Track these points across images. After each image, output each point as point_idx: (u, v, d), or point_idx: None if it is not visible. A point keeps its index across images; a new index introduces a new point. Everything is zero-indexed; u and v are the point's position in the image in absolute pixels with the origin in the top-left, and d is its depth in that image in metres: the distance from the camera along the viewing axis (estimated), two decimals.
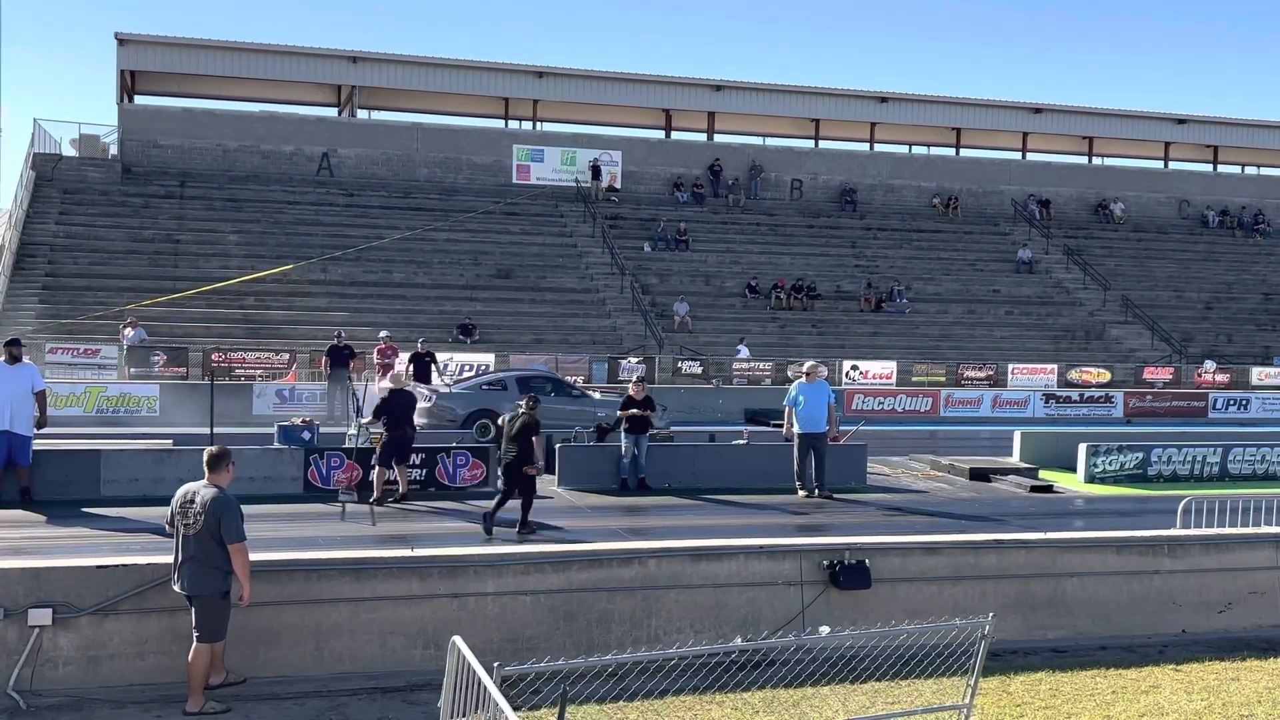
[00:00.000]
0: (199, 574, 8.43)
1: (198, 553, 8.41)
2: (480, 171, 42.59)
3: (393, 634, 9.47)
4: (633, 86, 45.50)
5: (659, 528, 14.73)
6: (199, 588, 8.45)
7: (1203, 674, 10.12)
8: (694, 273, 39.83)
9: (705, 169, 44.89)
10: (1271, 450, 21.03)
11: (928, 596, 10.94)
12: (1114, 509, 17.71)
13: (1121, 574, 11.56)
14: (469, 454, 16.92)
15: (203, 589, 8.45)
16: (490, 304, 35.94)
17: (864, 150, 48.36)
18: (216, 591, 8.48)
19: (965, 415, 32.40)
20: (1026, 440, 21.88)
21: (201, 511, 8.39)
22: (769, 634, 10.03)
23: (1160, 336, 40.13)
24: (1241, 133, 51.85)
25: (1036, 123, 49.27)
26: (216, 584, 8.47)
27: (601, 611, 10.01)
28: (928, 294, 40.96)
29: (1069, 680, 9.86)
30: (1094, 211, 48.72)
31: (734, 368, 33.22)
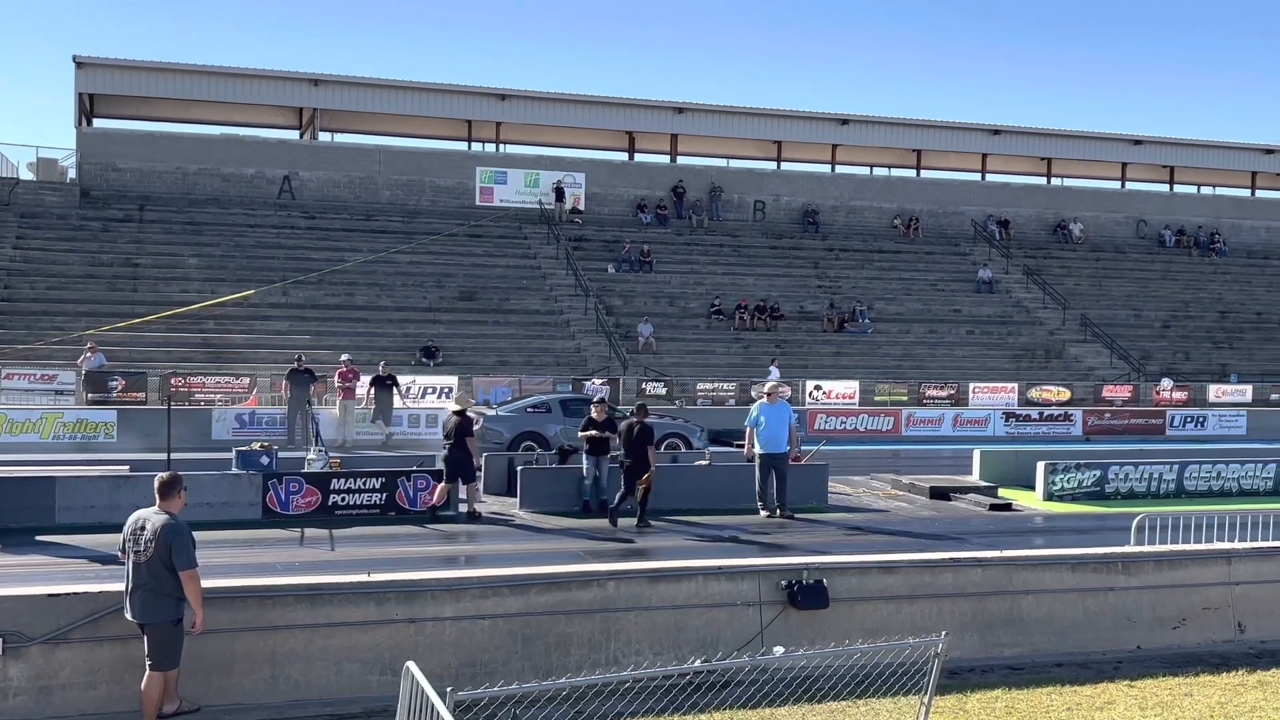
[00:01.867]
0: (151, 601, 8.36)
1: (149, 580, 8.35)
2: (443, 194, 42.56)
3: (349, 660, 9.41)
4: (596, 109, 45.65)
5: (620, 550, 14.73)
6: (151, 615, 8.38)
7: (1157, 690, 10.20)
8: (658, 294, 39.94)
9: (669, 190, 45.07)
10: (1227, 467, 21.32)
11: (885, 615, 10.99)
12: (1071, 526, 17.87)
13: (1077, 591, 11.65)
14: (429, 477, 16.86)
15: (155, 616, 8.38)
16: (454, 326, 35.87)
17: (826, 172, 48.73)
18: (169, 619, 8.42)
19: (927, 434, 32.62)
20: (986, 459, 22.07)
21: (152, 539, 8.33)
22: (728, 655, 10.04)
23: (1119, 355, 40.57)
24: (1197, 153, 52.62)
25: (995, 144, 49.83)
26: (169, 611, 8.41)
27: (560, 634, 9.98)
28: (889, 314, 41.24)
29: (1025, 698, 9.91)
30: (1053, 231, 49.26)
31: (697, 388, 33.27)
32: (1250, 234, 51.77)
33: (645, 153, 47.91)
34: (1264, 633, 11.89)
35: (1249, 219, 52.17)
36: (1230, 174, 54.10)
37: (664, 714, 8.93)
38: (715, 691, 9.21)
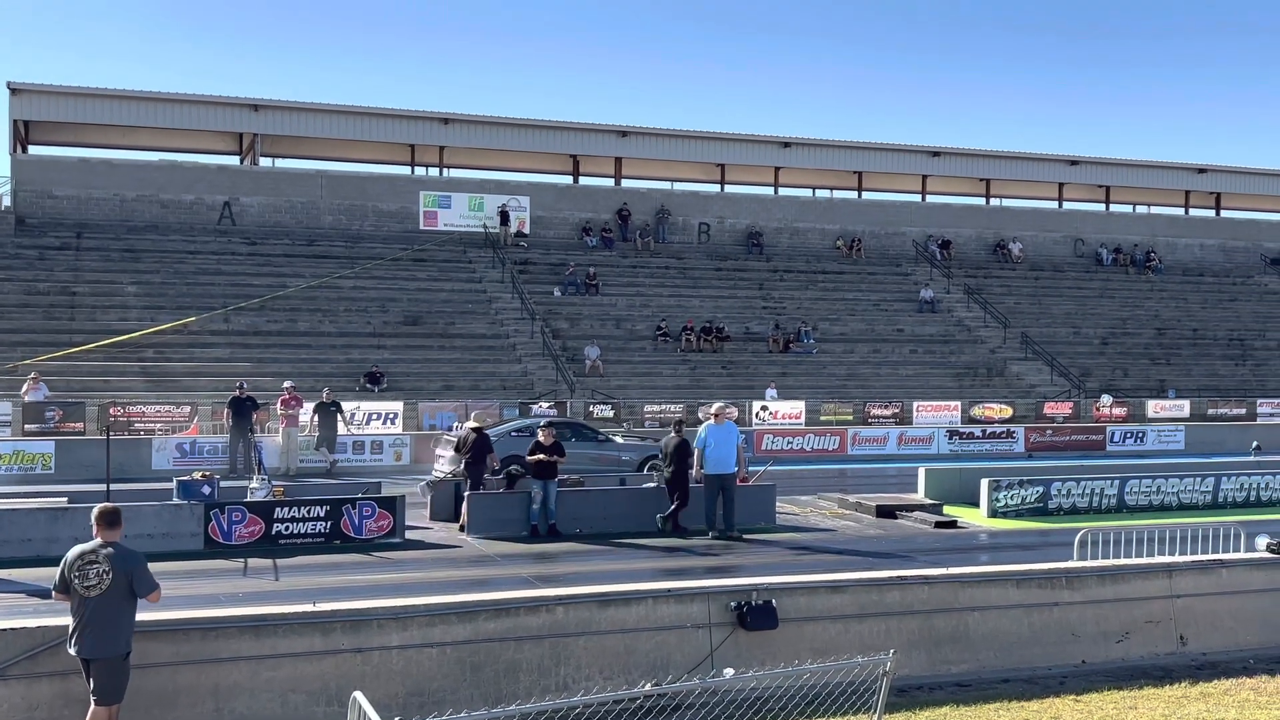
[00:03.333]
0: (103, 636, 8.19)
1: (102, 614, 8.17)
2: (386, 218, 42.33)
3: (294, 692, 9.27)
4: (540, 133, 45.71)
5: (569, 574, 14.68)
6: (102, 650, 8.20)
7: (1102, 704, 10.32)
8: (604, 316, 39.96)
9: (614, 213, 45.17)
10: (1166, 482, 21.68)
11: (833, 635, 11.03)
12: (1016, 543, 18.08)
13: (1022, 607, 11.77)
14: (375, 504, 16.72)
15: (107, 651, 8.21)
16: (398, 351, 35.64)
17: (769, 194, 49.09)
18: (121, 653, 8.27)
19: (872, 453, 32.86)
20: (931, 476, 22.28)
21: (107, 571, 8.16)
22: (678, 677, 10.02)
23: (1059, 372, 41.14)
24: (1132, 173, 53.64)
25: (935, 165, 50.47)
26: (121, 645, 8.26)
27: (509, 661, 9.92)
28: (834, 334, 41.55)
29: (972, 714, 9.99)
30: (992, 251, 49.93)
31: (645, 410, 33.28)
32: (1185, 252, 52.82)
33: (590, 176, 48.01)
34: (1205, 645, 12.07)
35: (1183, 237, 53.22)
36: (1164, 193, 55.18)
37: None
38: (666, 715, 9.19)
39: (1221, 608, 12.32)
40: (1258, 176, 55.61)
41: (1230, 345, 46.08)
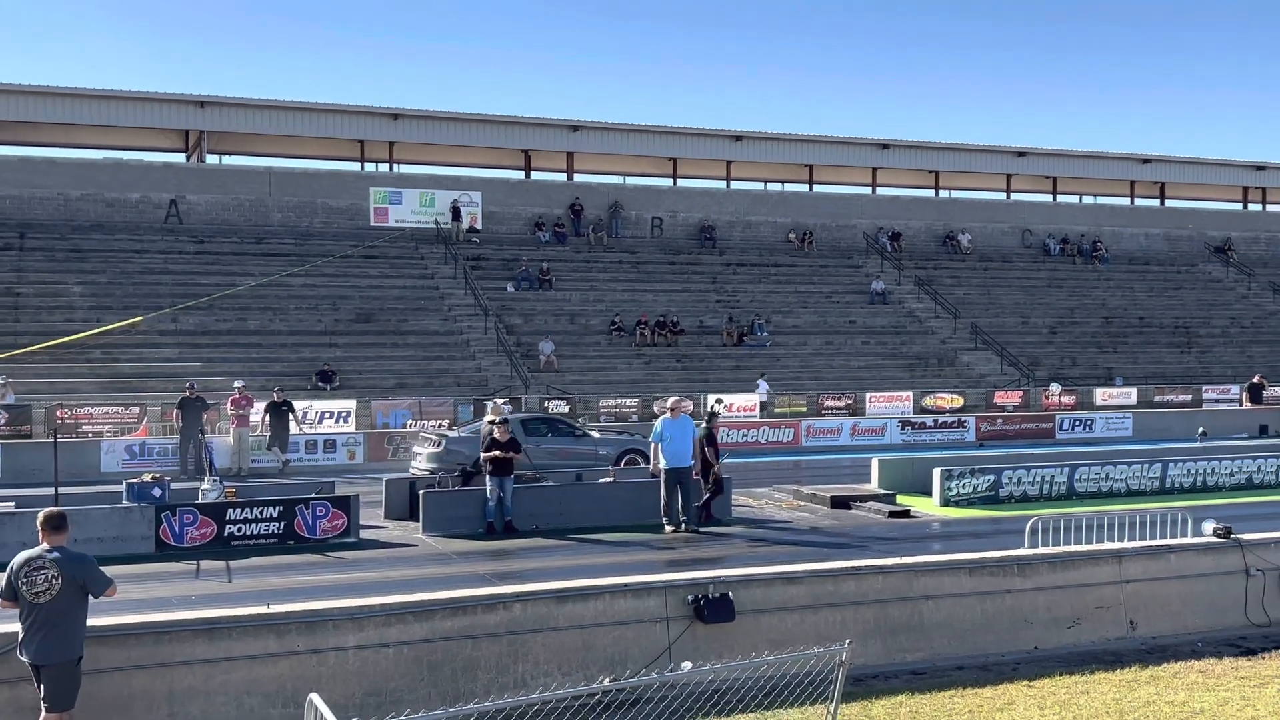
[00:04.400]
0: (54, 641, 8.09)
1: (53, 619, 8.08)
2: (336, 215, 41.99)
3: (250, 694, 9.20)
4: (491, 127, 45.52)
5: (526, 571, 14.65)
6: (53, 655, 8.10)
7: (1054, 689, 10.45)
8: (558, 312, 39.89)
9: (566, 208, 45.09)
10: (1115, 468, 21.97)
11: (790, 626, 11.10)
12: (968, 530, 18.26)
13: (975, 594, 11.90)
14: (329, 504, 16.59)
15: (58, 656, 8.11)
16: (350, 349, 35.38)
17: (721, 188, 49.22)
18: (73, 657, 8.19)
19: (826, 444, 33.04)
20: (884, 467, 22.45)
21: (56, 576, 8.06)
22: (636, 672, 10.05)
23: (1008, 362, 41.58)
24: (1078, 164, 54.30)
25: (885, 158, 50.83)
26: (72, 650, 8.18)
27: (467, 659, 9.89)
28: (787, 327, 41.75)
29: (928, 702, 10.09)
30: (942, 243, 50.36)
31: (600, 405, 33.26)
32: (1130, 241, 53.53)
33: (542, 171, 47.92)
34: (1154, 629, 12.27)
35: (1129, 226, 53.95)
36: (1110, 183, 55.91)
37: None
38: (624, 709, 9.20)
39: (1170, 592, 12.52)
40: (1201, 166, 56.49)
41: (1176, 333, 46.78)
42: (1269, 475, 23.03)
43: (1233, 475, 22.73)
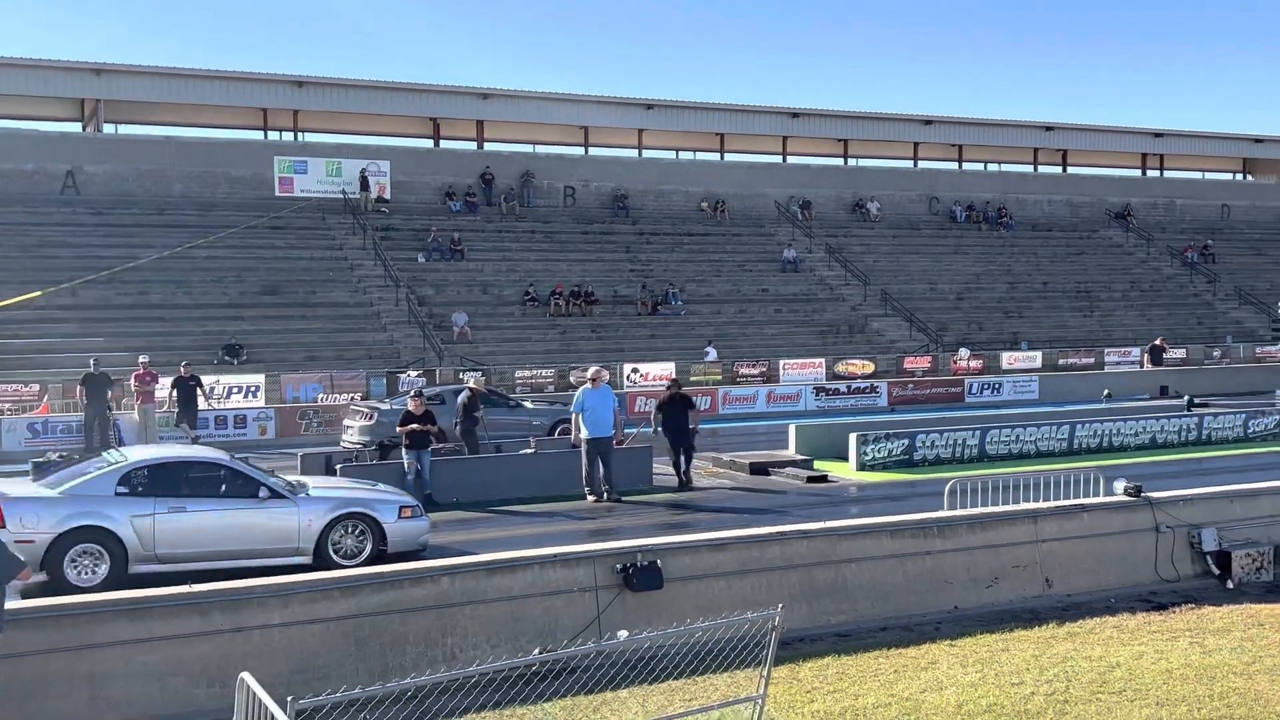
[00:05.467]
0: None
1: None
2: (240, 185, 41.04)
3: (174, 674, 9.02)
4: (398, 95, 44.80)
5: (450, 544, 14.53)
6: None
7: (975, 647, 10.68)
8: (471, 282, 39.53)
9: (477, 177, 44.61)
10: (1024, 430, 22.49)
11: (717, 592, 11.18)
12: (885, 494, 18.56)
13: (897, 557, 12.10)
14: None
15: None
16: (257, 322, 34.69)
17: (633, 156, 49.12)
18: None
19: (743, 411, 33.28)
20: (801, 433, 22.70)
21: None
22: (567, 642, 10.04)
23: (917, 327, 42.25)
24: (983, 132, 55.16)
25: (795, 126, 51.13)
26: None
27: (395, 634, 9.80)
28: (701, 295, 41.90)
29: (854, 663, 10.25)
30: (852, 211, 50.88)
31: (516, 376, 33.07)
32: (1034, 208, 54.61)
33: (452, 139, 47.31)
34: (1069, 586, 12.59)
35: (1032, 194, 55.02)
36: (1014, 151, 56.90)
37: (505, 706, 8.89)
38: (555, 679, 9.21)
39: (1084, 550, 12.85)
40: (1102, 133, 57.77)
41: (1078, 297, 47.92)
42: (1171, 435, 23.76)
43: (1137, 435, 23.40)
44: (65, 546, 11.96)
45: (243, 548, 12.65)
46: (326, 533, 13.01)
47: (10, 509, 11.94)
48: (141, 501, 12.39)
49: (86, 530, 12.07)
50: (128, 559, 12.21)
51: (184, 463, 13.22)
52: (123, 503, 12.33)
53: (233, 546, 12.62)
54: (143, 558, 12.30)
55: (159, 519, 12.36)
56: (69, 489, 12.43)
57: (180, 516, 12.46)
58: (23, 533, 11.70)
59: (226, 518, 12.65)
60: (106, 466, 12.84)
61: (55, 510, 12.12)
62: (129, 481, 12.55)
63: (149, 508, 12.37)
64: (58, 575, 11.86)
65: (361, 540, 13.20)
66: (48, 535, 11.92)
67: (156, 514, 12.36)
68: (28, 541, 11.58)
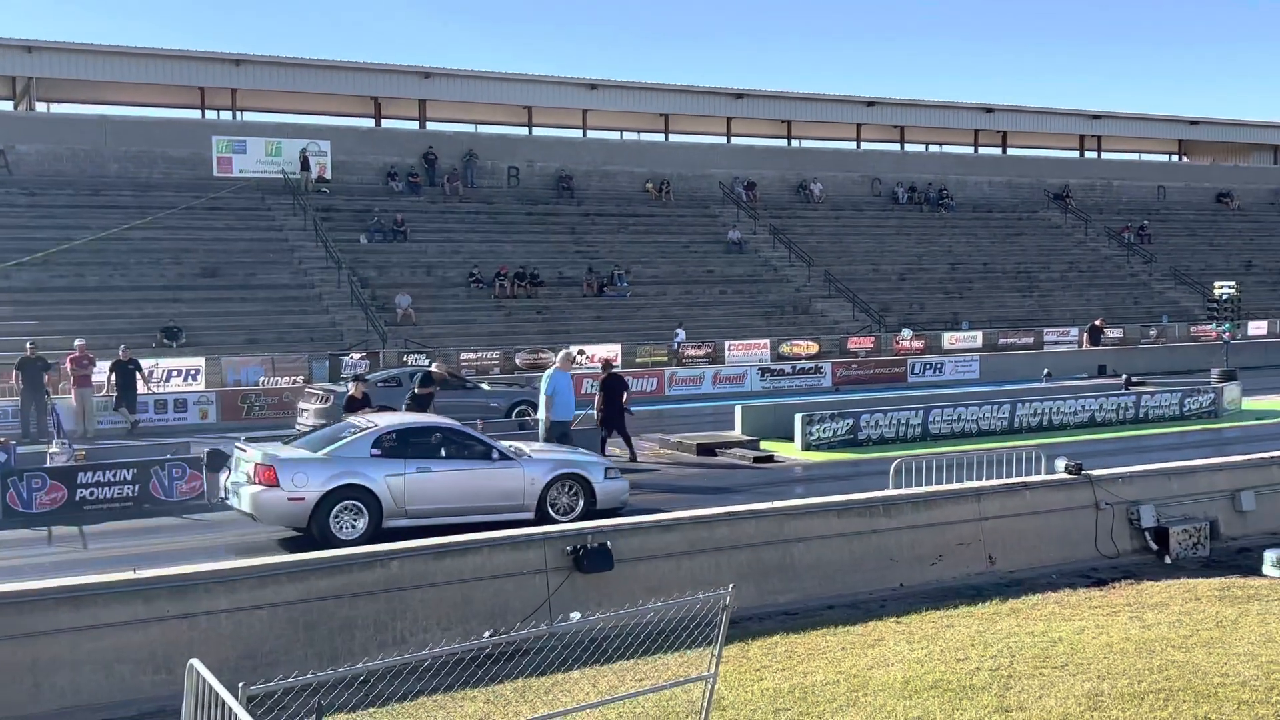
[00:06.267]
0: None
1: None
2: (177, 165, 40.37)
3: (120, 662, 8.91)
4: (339, 74, 44.27)
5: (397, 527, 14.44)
6: None
7: (921, 624, 10.83)
8: (414, 264, 39.23)
9: (420, 157, 44.24)
10: (966, 410, 22.77)
11: (666, 572, 11.24)
12: (830, 474, 18.73)
13: (843, 535, 12.22)
14: (186, 465, 16.08)
15: None
16: (196, 305, 34.20)
17: (577, 137, 48.95)
18: None
19: (689, 393, 33.36)
20: (747, 413, 22.80)
21: None
22: (518, 624, 10.05)
23: (860, 308, 42.58)
24: (925, 113, 55.60)
25: (739, 108, 51.19)
26: None
27: (344, 618, 9.75)
28: (646, 277, 41.90)
29: (802, 640, 10.35)
30: (795, 192, 51.10)
31: (461, 359, 32.89)
32: (974, 189, 55.18)
33: (393, 119, 46.89)
34: (1011, 563, 12.79)
35: (973, 175, 55.57)
36: (955, 132, 57.45)
37: (457, 688, 8.87)
38: (506, 662, 9.21)
39: (1026, 527, 13.06)
40: (1041, 115, 58.46)
41: (1018, 278, 48.54)
42: (1110, 413, 24.17)
43: (1076, 414, 23.78)
44: (331, 503, 13.17)
45: (478, 504, 13.95)
46: (546, 491, 14.36)
47: (284, 470, 13.16)
48: (393, 462, 13.61)
49: (349, 489, 13.30)
50: (382, 514, 13.41)
51: (427, 428, 14.51)
52: (377, 463, 13.56)
53: (469, 503, 13.92)
54: (394, 513, 13.50)
55: (409, 478, 13.59)
56: (330, 451, 13.63)
57: (426, 475, 13.71)
58: (294, 491, 13.07)
59: (465, 477, 14.00)
60: (359, 431, 14.01)
61: (322, 470, 13.29)
62: (381, 444, 13.77)
63: (400, 468, 13.59)
64: (324, 529, 13.07)
65: (575, 498, 14.57)
66: (316, 493, 13.13)
67: (407, 473, 13.59)
68: (299, 499, 13.08)
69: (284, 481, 13.07)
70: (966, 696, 8.75)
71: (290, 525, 13.48)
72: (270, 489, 13.08)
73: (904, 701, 8.67)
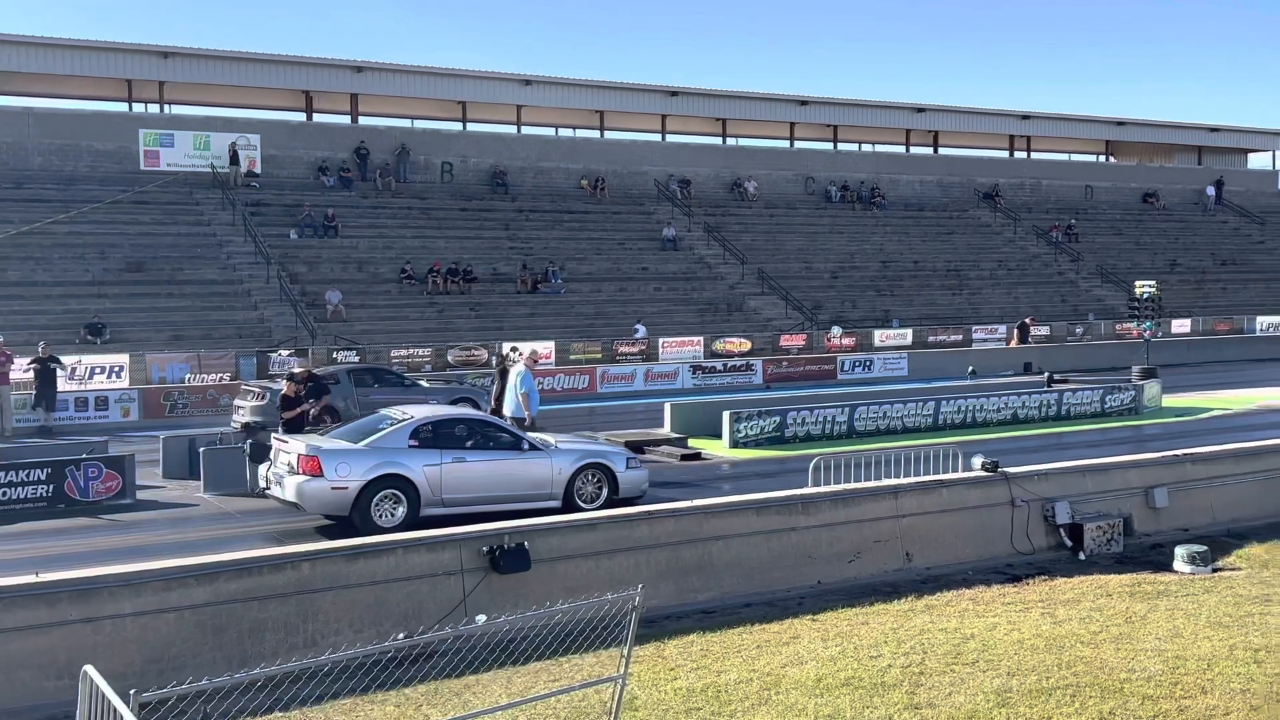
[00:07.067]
0: None
1: None
2: (102, 158, 39.63)
3: (21, 667, 8.73)
4: (269, 67, 43.68)
5: (317, 528, 14.30)
6: None
7: (837, 621, 10.91)
8: (345, 259, 38.82)
9: (351, 152, 43.79)
10: (891, 407, 22.97)
11: (585, 572, 11.22)
12: (756, 471, 18.81)
13: (762, 533, 12.27)
14: (102, 465, 15.80)
15: None
16: (121, 300, 33.58)
17: (512, 133, 48.72)
18: None
19: (621, 390, 33.35)
20: (676, 411, 22.84)
21: None
22: (431, 626, 9.97)
23: (793, 306, 42.82)
24: (857, 112, 55.99)
25: (674, 105, 51.24)
26: None
27: (254, 621, 9.62)
28: (581, 273, 41.83)
29: (718, 639, 10.38)
30: (730, 190, 51.27)
31: (392, 355, 32.59)
32: (906, 188, 55.71)
33: (325, 113, 46.32)
34: (928, 560, 12.93)
35: (904, 174, 56.10)
36: (887, 131, 57.94)
37: (366, 692, 8.81)
38: (418, 664, 9.15)
39: (943, 524, 13.21)
40: (971, 115, 59.14)
41: (948, 276, 49.08)
42: (1032, 411, 24.52)
43: (999, 411, 24.09)
44: (372, 492, 13.65)
45: (510, 493, 14.43)
46: (573, 480, 14.88)
47: (327, 460, 13.64)
48: (430, 453, 14.13)
49: (389, 478, 13.77)
50: (420, 502, 13.84)
51: (460, 419, 15.25)
52: (415, 453, 14.06)
53: (502, 492, 14.40)
54: (431, 501, 13.95)
55: (445, 467, 14.09)
56: (369, 443, 14.09)
57: (461, 465, 14.23)
58: (337, 480, 13.55)
59: (497, 467, 14.48)
60: (396, 422, 14.48)
61: (364, 461, 13.77)
62: (419, 435, 14.28)
63: (437, 458, 14.10)
64: (365, 518, 13.51)
65: (599, 487, 15.08)
66: (359, 482, 13.60)
67: (443, 463, 14.09)
68: (341, 488, 13.55)
69: (328, 471, 13.55)
70: (878, 694, 8.83)
71: (333, 513, 13.88)
72: (314, 479, 13.54)
73: (816, 699, 8.73)
